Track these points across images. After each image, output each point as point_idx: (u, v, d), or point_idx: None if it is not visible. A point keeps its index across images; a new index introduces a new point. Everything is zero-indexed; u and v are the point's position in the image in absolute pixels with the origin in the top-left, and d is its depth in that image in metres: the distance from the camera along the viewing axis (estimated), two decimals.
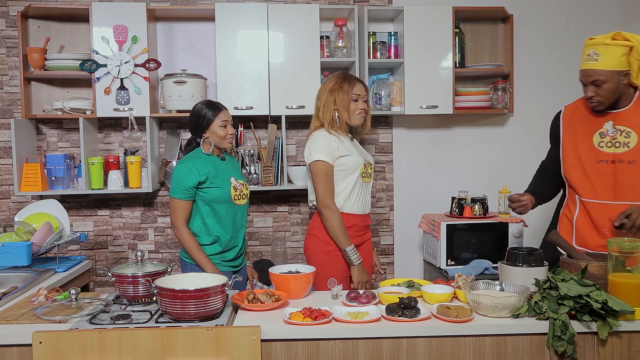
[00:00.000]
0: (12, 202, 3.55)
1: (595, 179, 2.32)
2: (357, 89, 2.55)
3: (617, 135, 2.28)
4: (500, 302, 1.82)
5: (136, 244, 3.65)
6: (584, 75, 2.26)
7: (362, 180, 2.57)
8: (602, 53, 2.20)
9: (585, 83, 2.27)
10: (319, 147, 2.49)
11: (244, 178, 2.66)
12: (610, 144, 2.30)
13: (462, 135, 3.81)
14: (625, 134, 2.27)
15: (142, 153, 3.55)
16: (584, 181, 2.35)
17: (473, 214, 3.25)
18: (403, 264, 3.82)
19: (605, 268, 1.95)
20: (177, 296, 1.78)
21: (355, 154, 2.55)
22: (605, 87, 2.22)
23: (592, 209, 2.34)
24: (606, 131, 2.31)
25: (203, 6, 3.46)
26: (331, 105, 2.53)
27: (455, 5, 3.46)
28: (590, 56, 2.22)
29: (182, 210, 2.45)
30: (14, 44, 3.47)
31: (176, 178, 2.44)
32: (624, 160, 2.27)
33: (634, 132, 2.26)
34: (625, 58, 2.20)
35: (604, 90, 2.23)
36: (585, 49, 2.27)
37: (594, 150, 2.32)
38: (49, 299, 2.07)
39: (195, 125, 2.52)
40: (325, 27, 3.50)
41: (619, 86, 2.23)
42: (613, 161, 2.29)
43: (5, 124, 3.51)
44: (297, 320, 1.81)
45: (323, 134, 2.52)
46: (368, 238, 2.71)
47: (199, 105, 2.55)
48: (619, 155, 2.28)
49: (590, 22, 3.79)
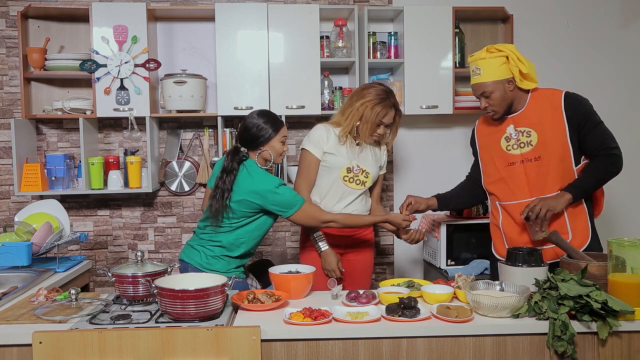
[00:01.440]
0: (12, 202, 3.55)
1: (510, 181, 2.44)
2: (386, 118, 2.53)
3: (520, 137, 2.42)
4: (500, 302, 1.82)
5: (136, 244, 3.65)
6: (473, 89, 2.45)
7: (343, 183, 2.57)
8: (482, 67, 2.38)
9: (476, 96, 2.46)
10: (311, 137, 2.59)
11: None
12: (516, 145, 2.43)
13: (462, 135, 3.81)
14: (526, 133, 2.41)
15: (142, 153, 3.55)
16: (501, 185, 2.48)
17: (473, 214, 3.25)
18: (403, 264, 3.82)
19: (605, 268, 1.95)
20: (177, 296, 1.78)
21: (340, 155, 2.56)
22: (493, 96, 2.38)
23: (513, 210, 2.45)
24: (510, 135, 2.45)
25: (203, 6, 3.46)
26: (357, 116, 2.52)
27: (455, 5, 3.46)
28: (475, 71, 2.41)
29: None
30: (14, 44, 3.48)
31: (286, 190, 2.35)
32: (531, 158, 2.39)
33: (533, 131, 2.40)
34: (506, 67, 2.36)
35: (494, 99, 2.38)
36: (470, 65, 2.44)
37: (503, 154, 2.46)
38: (49, 299, 2.07)
39: (253, 137, 2.40)
40: (325, 27, 3.50)
41: (506, 93, 2.38)
42: (522, 161, 2.41)
43: (5, 124, 3.51)
44: (297, 320, 1.81)
45: (322, 127, 2.60)
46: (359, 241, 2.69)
47: (257, 119, 2.42)
48: (526, 154, 2.40)
49: (590, 22, 3.79)
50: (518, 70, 2.35)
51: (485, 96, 2.40)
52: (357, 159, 2.60)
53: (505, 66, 2.36)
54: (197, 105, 3.35)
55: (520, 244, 2.40)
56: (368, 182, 2.64)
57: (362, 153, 2.63)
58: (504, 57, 2.36)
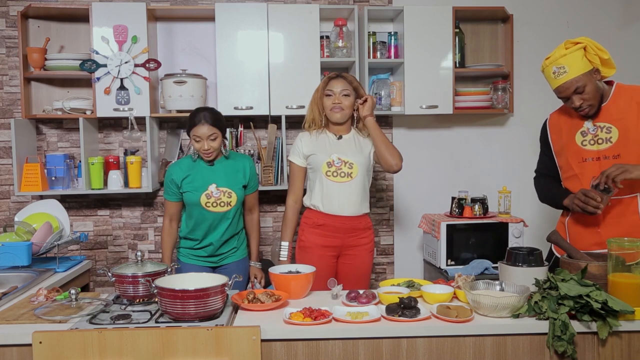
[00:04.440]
0: (12, 202, 3.55)
1: (583, 178, 2.34)
2: (330, 85, 2.61)
3: (598, 132, 2.32)
4: (500, 302, 1.82)
5: (136, 244, 3.65)
6: (561, 90, 2.29)
7: (327, 179, 2.58)
8: (566, 64, 2.25)
9: (567, 97, 2.30)
10: (293, 148, 2.71)
11: (234, 184, 2.63)
12: (592, 141, 2.33)
13: (462, 135, 3.81)
14: (606, 129, 2.31)
15: (142, 153, 3.55)
16: (574, 182, 2.38)
17: (473, 214, 3.26)
18: (403, 264, 3.82)
19: (605, 268, 1.95)
20: (177, 296, 1.78)
21: (319, 153, 2.60)
22: (588, 89, 2.25)
23: None
24: (587, 129, 2.34)
25: (203, 6, 3.46)
26: (313, 102, 2.67)
27: (455, 5, 3.46)
28: (557, 72, 2.27)
29: (167, 208, 2.71)
30: (14, 44, 3.47)
31: (164, 179, 2.69)
32: (609, 156, 2.29)
33: (614, 127, 2.29)
34: (586, 59, 2.26)
35: (588, 93, 2.26)
36: (547, 69, 2.31)
37: (578, 149, 2.36)
38: (49, 299, 2.07)
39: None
40: (325, 27, 3.50)
41: (597, 84, 2.27)
42: (598, 158, 2.32)
43: (5, 124, 3.51)
44: (297, 320, 1.81)
45: (299, 134, 2.71)
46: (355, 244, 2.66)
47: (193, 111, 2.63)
48: (603, 152, 2.31)
49: (590, 22, 3.79)
50: (598, 58, 2.25)
51: (579, 92, 2.25)
52: (337, 152, 2.60)
53: (585, 58, 2.24)
54: (197, 105, 3.34)
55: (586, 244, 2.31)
56: (355, 173, 2.58)
57: (344, 144, 2.62)
58: (582, 49, 2.24)
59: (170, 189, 2.63)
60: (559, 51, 2.27)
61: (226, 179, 2.61)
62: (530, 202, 3.69)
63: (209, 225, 2.61)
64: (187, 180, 2.59)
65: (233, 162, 2.66)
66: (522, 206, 3.67)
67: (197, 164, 2.62)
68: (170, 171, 2.64)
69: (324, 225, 2.61)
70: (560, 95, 2.32)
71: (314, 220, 2.63)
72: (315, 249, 2.61)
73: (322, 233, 2.62)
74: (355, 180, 2.60)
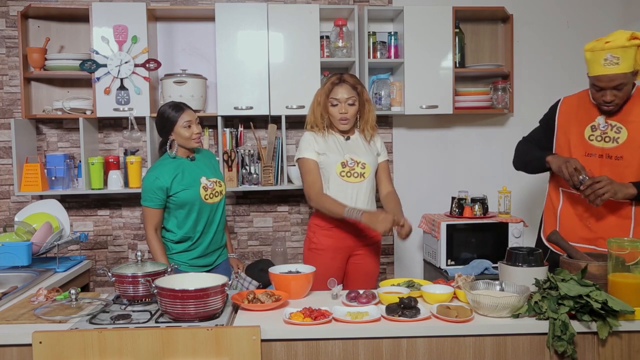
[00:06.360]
0: (12, 202, 3.55)
1: None
2: (335, 93, 2.53)
3: (607, 130, 2.29)
4: (500, 302, 1.82)
5: (136, 244, 3.65)
6: (604, 80, 2.17)
7: (341, 179, 2.55)
8: (621, 56, 2.12)
9: (604, 87, 2.20)
10: (301, 145, 2.60)
11: (219, 174, 2.66)
12: (600, 138, 2.30)
13: (462, 135, 3.81)
14: (616, 129, 2.27)
15: (142, 153, 3.55)
16: None
17: (473, 214, 3.26)
18: (403, 264, 3.82)
19: (605, 268, 1.95)
20: (177, 296, 1.78)
21: (330, 153, 2.55)
22: (625, 89, 2.19)
23: (577, 201, 2.33)
24: (597, 125, 2.30)
25: (203, 6, 3.46)
26: (315, 104, 2.60)
27: (455, 5, 3.46)
28: (610, 60, 2.13)
29: (151, 217, 2.50)
30: (14, 44, 3.48)
31: (145, 187, 2.49)
32: (612, 156, 2.27)
33: (624, 128, 2.27)
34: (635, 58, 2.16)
35: (624, 92, 2.20)
36: (599, 53, 2.16)
37: (584, 142, 2.33)
38: (49, 299, 2.07)
39: (160, 128, 2.53)
40: (325, 27, 3.50)
41: (632, 86, 2.22)
42: (601, 155, 2.30)
43: (5, 124, 3.51)
44: (297, 320, 1.81)
45: (307, 133, 2.63)
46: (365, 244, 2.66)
47: (162, 107, 2.53)
48: (608, 150, 2.29)
49: (590, 22, 3.79)
50: None
51: (618, 89, 2.17)
52: (349, 152, 2.58)
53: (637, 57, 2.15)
54: (197, 105, 3.34)
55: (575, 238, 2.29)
56: (367, 174, 2.58)
57: (353, 145, 2.61)
58: (637, 47, 2.12)
59: (155, 195, 2.46)
60: (620, 40, 2.12)
61: (210, 170, 2.62)
62: (530, 202, 3.70)
63: (207, 218, 2.57)
64: (177, 180, 2.49)
65: (204, 156, 2.68)
66: (522, 206, 3.68)
67: (179, 161, 2.54)
68: (152, 177, 2.47)
69: (337, 226, 2.57)
70: (599, 84, 2.20)
71: (326, 222, 2.58)
72: (327, 252, 2.58)
73: (335, 235, 2.58)
74: (368, 180, 2.60)
